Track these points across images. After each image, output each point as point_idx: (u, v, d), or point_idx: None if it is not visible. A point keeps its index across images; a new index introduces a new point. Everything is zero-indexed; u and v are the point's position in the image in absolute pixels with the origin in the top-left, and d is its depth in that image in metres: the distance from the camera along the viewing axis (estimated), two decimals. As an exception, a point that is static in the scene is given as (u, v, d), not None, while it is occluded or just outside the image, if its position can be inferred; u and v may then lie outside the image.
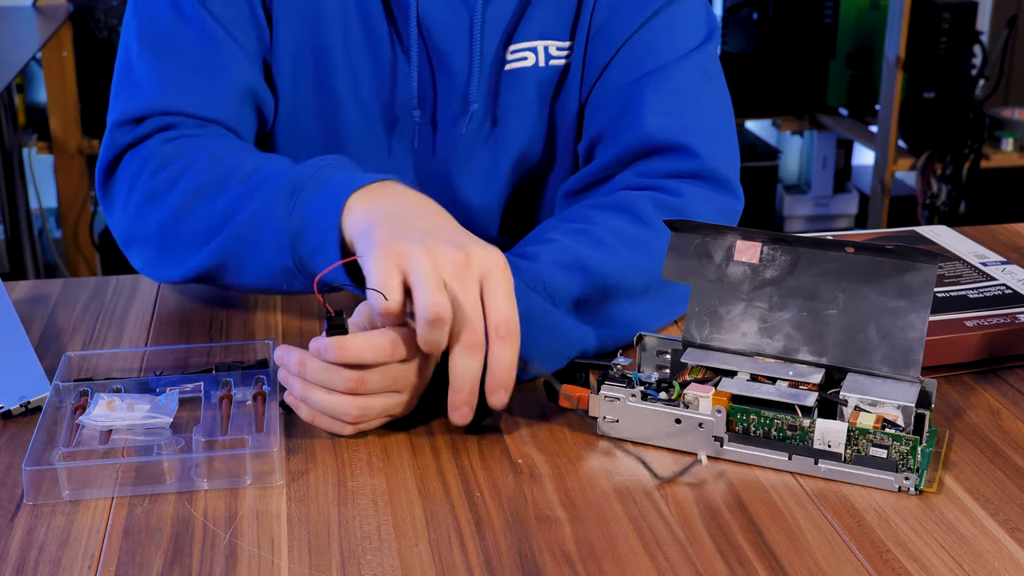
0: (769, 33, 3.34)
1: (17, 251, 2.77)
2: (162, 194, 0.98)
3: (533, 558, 0.72)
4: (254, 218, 0.92)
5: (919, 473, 0.79)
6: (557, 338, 0.90)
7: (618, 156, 1.06)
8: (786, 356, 0.85)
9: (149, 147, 1.02)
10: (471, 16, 1.06)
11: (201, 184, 0.96)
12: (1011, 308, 0.98)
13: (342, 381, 0.81)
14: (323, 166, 0.92)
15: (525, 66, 1.10)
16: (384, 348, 0.81)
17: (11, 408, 0.88)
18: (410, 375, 0.83)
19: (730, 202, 1.06)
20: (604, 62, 1.08)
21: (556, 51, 1.10)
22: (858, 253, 0.83)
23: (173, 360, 0.97)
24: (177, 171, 0.98)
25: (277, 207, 0.91)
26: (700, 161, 1.04)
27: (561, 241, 0.96)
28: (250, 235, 0.93)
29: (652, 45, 1.07)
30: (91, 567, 0.72)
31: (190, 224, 0.97)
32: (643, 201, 1.01)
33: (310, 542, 0.74)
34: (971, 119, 3.05)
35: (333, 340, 0.80)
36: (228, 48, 1.04)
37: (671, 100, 1.05)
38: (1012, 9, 3.37)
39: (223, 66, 1.04)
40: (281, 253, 0.91)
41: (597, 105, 1.09)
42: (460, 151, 1.13)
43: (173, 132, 1.03)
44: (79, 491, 0.79)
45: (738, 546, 0.73)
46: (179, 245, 0.98)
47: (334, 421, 0.83)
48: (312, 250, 0.89)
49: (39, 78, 3.08)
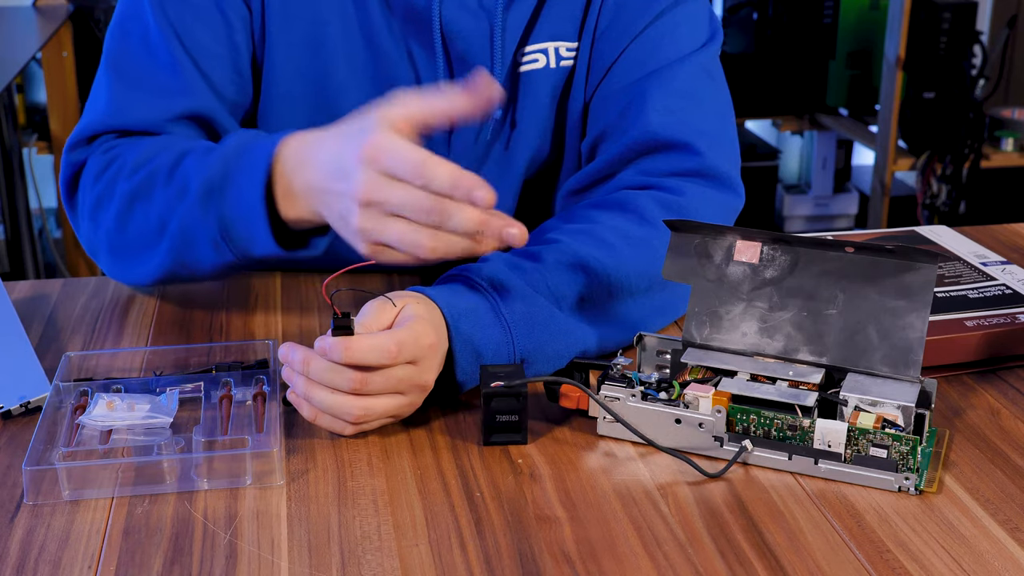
0: (769, 33, 3.34)
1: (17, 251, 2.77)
2: (105, 202, 1.02)
3: (533, 558, 0.72)
4: (184, 227, 0.96)
5: (919, 473, 0.79)
6: (560, 340, 0.90)
7: (620, 154, 1.06)
8: (786, 356, 0.85)
9: (93, 159, 1.05)
10: (491, 22, 1.07)
11: (132, 190, 0.99)
12: (1011, 308, 0.98)
13: (346, 381, 0.81)
14: (229, 157, 0.94)
15: (537, 68, 1.10)
16: (389, 350, 0.81)
17: (11, 408, 0.88)
18: (414, 378, 0.83)
19: (732, 200, 1.06)
20: (609, 62, 1.09)
21: (566, 52, 1.10)
22: (858, 253, 0.83)
23: (173, 360, 0.97)
24: (112, 176, 1.02)
25: (200, 213, 0.94)
26: (702, 159, 1.04)
27: (564, 241, 0.96)
28: (187, 242, 0.97)
29: (656, 45, 1.08)
30: (91, 567, 0.72)
31: (132, 230, 1.01)
32: (645, 200, 1.01)
33: (310, 542, 0.74)
34: (971, 119, 3.05)
35: (339, 340, 0.80)
36: (190, 76, 1.05)
37: (674, 98, 1.06)
38: (1012, 9, 3.37)
39: (179, 91, 1.05)
40: (221, 252, 0.95)
41: (601, 104, 1.10)
42: (479, 156, 1.13)
43: (115, 141, 1.06)
44: (79, 491, 0.79)
45: (738, 546, 0.73)
46: (130, 251, 1.02)
47: (335, 420, 0.84)
48: (247, 243, 0.93)
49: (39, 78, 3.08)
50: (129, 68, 1.06)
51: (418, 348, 0.82)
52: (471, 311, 0.87)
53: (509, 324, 0.88)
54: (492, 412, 0.84)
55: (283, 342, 1.00)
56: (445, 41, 1.07)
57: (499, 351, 0.88)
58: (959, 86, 3.03)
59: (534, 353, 0.89)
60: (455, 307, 0.87)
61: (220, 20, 1.06)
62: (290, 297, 1.10)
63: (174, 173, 0.97)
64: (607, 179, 1.07)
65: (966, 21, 3.00)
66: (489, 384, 0.83)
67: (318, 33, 1.07)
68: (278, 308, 1.08)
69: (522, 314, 0.89)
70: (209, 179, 0.94)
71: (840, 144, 3.58)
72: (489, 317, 0.88)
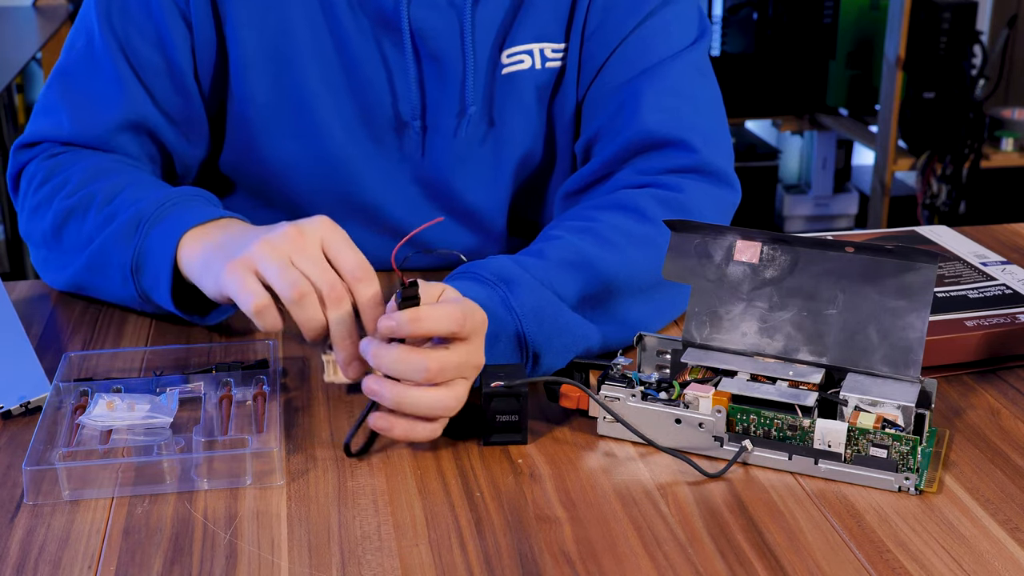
0: (769, 33, 3.34)
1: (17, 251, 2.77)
2: (43, 210, 1.06)
3: (533, 558, 0.72)
4: (103, 248, 1.00)
5: (919, 473, 0.79)
6: (568, 334, 0.90)
7: (616, 153, 1.06)
8: (786, 356, 0.85)
9: (35, 164, 1.09)
10: (461, 19, 1.07)
11: (71, 206, 1.03)
12: (1011, 308, 0.98)
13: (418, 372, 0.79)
14: (166, 202, 0.97)
15: (522, 69, 1.10)
16: (456, 317, 0.79)
17: (11, 408, 0.88)
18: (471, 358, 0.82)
19: (729, 195, 1.07)
20: (600, 63, 1.09)
21: (552, 53, 1.10)
22: (858, 253, 0.83)
23: (173, 360, 0.97)
24: (55, 188, 1.06)
25: (122, 240, 0.98)
26: (698, 156, 1.04)
27: (566, 238, 0.96)
28: (101, 264, 1.00)
29: (647, 45, 1.08)
30: (91, 567, 0.72)
31: (64, 241, 1.04)
32: (645, 198, 1.01)
33: (310, 542, 0.74)
34: (971, 119, 3.05)
35: (407, 311, 0.79)
36: (132, 89, 1.07)
37: (667, 96, 1.06)
38: (1012, 9, 3.37)
39: (121, 103, 1.07)
40: (127, 284, 0.98)
41: (594, 105, 1.10)
42: (459, 155, 1.13)
43: (57, 148, 1.09)
44: (79, 491, 0.79)
45: (738, 546, 0.73)
46: (56, 258, 1.06)
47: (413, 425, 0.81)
48: (151, 284, 0.96)
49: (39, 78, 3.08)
50: (75, 79, 1.09)
51: (476, 321, 0.81)
52: (483, 303, 0.87)
53: (519, 316, 0.88)
54: (492, 412, 0.84)
55: (283, 343, 1.00)
56: (415, 41, 1.07)
57: (511, 343, 0.87)
58: (959, 86, 3.03)
59: (544, 347, 0.89)
60: None
61: (158, 40, 1.07)
62: (290, 297, 1.10)
63: (111, 201, 1.00)
64: (604, 179, 1.07)
65: (966, 21, 3.00)
66: (489, 384, 0.83)
67: (287, 43, 1.07)
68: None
69: (531, 307, 0.89)
70: (141, 212, 0.97)
71: (840, 144, 3.58)
72: (500, 310, 0.88)
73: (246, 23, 1.07)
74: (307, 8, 1.07)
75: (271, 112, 1.10)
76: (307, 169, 1.12)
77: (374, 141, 1.12)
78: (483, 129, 1.12)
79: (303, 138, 1.10)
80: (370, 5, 1.06)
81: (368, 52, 1.08)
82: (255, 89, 1.09)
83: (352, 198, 1.13)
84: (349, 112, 1.10)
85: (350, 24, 1.07)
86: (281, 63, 1.08)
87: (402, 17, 1.06)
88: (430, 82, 1.09)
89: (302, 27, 1.07)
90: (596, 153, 1.09)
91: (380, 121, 1.11)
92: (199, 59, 1.08)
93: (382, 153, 1.12)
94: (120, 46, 1.07)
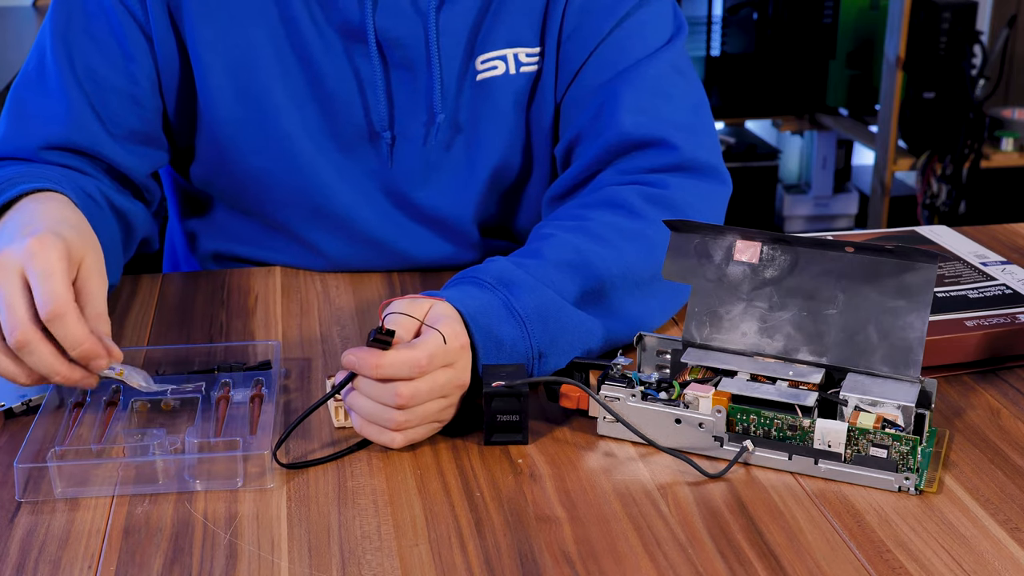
0: (769, 33, 3.34)
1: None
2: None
3: (533, 558, 0.72)
4: None
5: (919, 473, 0.79)
6: (572, 332, 0.90)
7: (598, 156, 1.06)
8: (786, 356, 0.85)
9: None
10: (426, 26, 1.07)
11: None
12: (1011, 308, 0.98)
13: (391, 397, 0.80)
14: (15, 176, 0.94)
15: (497, 75, 1.10)
16: (420, 364, 0.80)
17: (13, 406, 0.88)
18: (453, 380, 0.83)
19: (718, 188, 1.06)
20: (577, 66, 1.09)
21: (526, 57, 1.10)
22: (858, 253, 0.83)
23: (174, 360, 0.97)
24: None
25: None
26: (679, 153, 1.04)
27: (561, 236, 0.96)
28: None
29: (624, 46, 1.08)
30: (91, 567, 0.72)
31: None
32: (632, 195, 1.01)
33: (310, 542, 0.74)
34: (971, 119, 3.05)
35: (370, 354, 0.80)
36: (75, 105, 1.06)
37: (645, 96, 1.06)
38: (1012, 9, 3.37)
39: (59, 120, 1.06)
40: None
41: (572, 107, 1.10)
42: (429, 163, 1.12)
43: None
44: (71, 489, 0.79)
45: (738, 546, 0.73)
46: None
47: (382, 432, 0.82)
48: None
49: (39, 78, 3.07)
50: (23, 95, 1.08)
51: (451, 352, 0.82)
52: (485, 307, 0.87)
53: (523, 318, 0.88)
54: (493, 412, 0.84)
55: (283, 343, 1.00)
56: (383, 51, 1.07)
57: (516, 345, 0.87)
58: (959, 86, 3.03)
59: (549, 346, 0.89)
60: (469, 305, 0.86)
61: (117, 51, 1.06)
62: (290, 297, 1.10)
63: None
64: (587, 181, 1.08)
65: (966, 21, 3.00)
66: (490, 384, 0.83)
67: (249, 56, 1.07)
68: (278, 308, 1.08)
69: (534, 308, 0.88)
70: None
71: (840, 144, 3.58)
72: (503, 313, 0.88)
73: (206, 41, 1.06)
74: (268, 25, 1.07)
75: (237, 128, 1.09)
76: (278, 181, 1.12)
77: (343, 151, 1.11)
78: (453, 136, 1.12)
79: (271, 152, 1.10)
80: (336, 18, 1.06)
81: (337, 65, 1.08)
82: (219, 105, 1.09)
83: (323, 209, 1.13)
84: (316, 125, 1.10)
85: (314, 39, 1.07)
86: (244, 80, 1.08)
87: (368, 27, 1.06)
88: (400, 91, 1.09)
89: (264, 44, 1.07)
90: (577, 156, 1.09)
91: (349, 132, 1.10)
92: (163, 75, 1.08)
93: (352, 163, 1.12)
94: (71, 64, 1.06)
